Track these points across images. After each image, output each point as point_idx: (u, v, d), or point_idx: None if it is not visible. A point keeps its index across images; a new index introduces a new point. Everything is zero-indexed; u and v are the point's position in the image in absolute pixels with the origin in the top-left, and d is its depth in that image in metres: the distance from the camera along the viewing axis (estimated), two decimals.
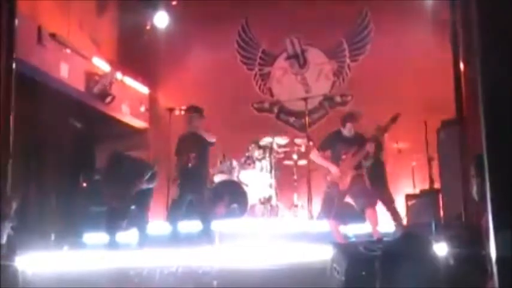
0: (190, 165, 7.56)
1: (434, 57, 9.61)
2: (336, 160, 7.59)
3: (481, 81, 3.60)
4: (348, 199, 7.74)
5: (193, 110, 7.84)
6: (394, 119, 7.44)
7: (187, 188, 7.60)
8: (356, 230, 8.16)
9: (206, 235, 7.53)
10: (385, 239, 6.88)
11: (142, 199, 8.24)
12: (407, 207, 9.14)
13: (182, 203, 7.61)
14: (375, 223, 7.44)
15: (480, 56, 3.63)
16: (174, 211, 7.62)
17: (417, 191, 9.39)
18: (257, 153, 9.71)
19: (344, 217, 7.71)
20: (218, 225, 7.91)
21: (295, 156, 9.88)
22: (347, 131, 7.59)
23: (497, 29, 3.55)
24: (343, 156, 7.53)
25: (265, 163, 9.65)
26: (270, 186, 9.57)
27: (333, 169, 7.52)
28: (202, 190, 7.69)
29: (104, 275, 6.46)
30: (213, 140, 7.78)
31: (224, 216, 8.60)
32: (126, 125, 11.17)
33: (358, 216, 8.37)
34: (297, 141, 9.92)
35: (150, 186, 8.31)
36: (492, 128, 3.51)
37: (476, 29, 3.63)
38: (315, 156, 7.89)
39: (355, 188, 7.48)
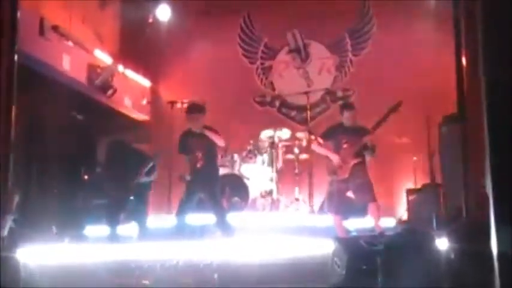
0: (198, 165, 7.52)
1: (437, 52, 9.58)
2: (337, 150, 7.61)
3: (483, 78, 3.60)
4: (349, 193, 7.74)
5: (197, 111, 7.71)
6: (393, 109, 7.42)
7: (197, 186, 7.55)
8: (357, 224, 8.16)
9: (223, 228, 7.52)
10: (386, 233, 6.89)
11: (141, 191, 8.25)
12: (409, 202, 9.14)
13: (192, 201, 7.57)
14: (377, 218, 7.44)
15: (483, 52, 3.63)
16: (185, 208, 7.56)
17: (418, 185, 9.38)
18: (259, 147, 9.72)
19: (345, 212, 7.71)
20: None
21: (296, 150, 9.88)
22: (346, 119, 7.62)
23: (501, 25, 3.55)
24: (344, 146, 7.56)
25: (267, 157, 9.66)
26: (271, 180, 9.58)
27: (334, 158, 7.54)
28: (213, 188, 7.65)
29: (104, 267, 6.47)
30: (222, 144, 7.73)
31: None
32: (128, 118, 11.16)
33: (359, 210, 8.38)
34: (299, 135, 9.92)
35: (150, 179, 8.31)
36: (494, 124, 3.51)
37: (480, 25, 3.63)
38: (315, 146, 7.96)
39: (356, 181, 7.48)
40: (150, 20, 10.92)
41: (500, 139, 3.50)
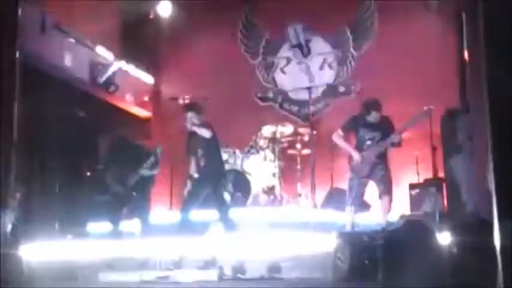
0: (202, 164, 7.48)
1: (439, 46, 9.57)
2: (359, 145, 7.52)
3: (486, 72, 3.60)
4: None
5: (189, 109, 7.65)
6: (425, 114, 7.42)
7: (202, 184, 7.50)
8: (359, 219, 8.15)
9: (225, 223, 7.49)
10: (388, 228, 6.89)
11: (144, 188, 8.25)
12: (411, 197, 9.13)
13: (198, 198, 7.52)
14: (387, 211, 7.41)
15: (485, 46, 3.62)
16: (189, 205, 7.52)
17: (421, 180, 9.37)
18: (261, 143, 9.71)
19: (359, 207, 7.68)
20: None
21: (298, 146, 9.87)
22: (372, 118, 7.47)
23: (504, 19, 3.54)
24: (368, 142, 7.47)
25: (269, 152, 9.65)
26: (274, 175, 9.57)
27: (355, 155, 7.44)
28: (217, 183, 7.61)
29: (107, 263, 6.49)
30: (207, 135, 7.53)
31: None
32: (130, 114, 11.18)
33: (362, 205, 8.38)
34: (301, 130, 9.91)
35: (153, 172, 8.32)
36: (497, 118, 3.51)
37: (482, 20, 3.62)
38: (337, 137, 7.66)
39: (376, 174, 7.43)
40: (152, 16, 10.92)
41: (502, 134, 3.49)
